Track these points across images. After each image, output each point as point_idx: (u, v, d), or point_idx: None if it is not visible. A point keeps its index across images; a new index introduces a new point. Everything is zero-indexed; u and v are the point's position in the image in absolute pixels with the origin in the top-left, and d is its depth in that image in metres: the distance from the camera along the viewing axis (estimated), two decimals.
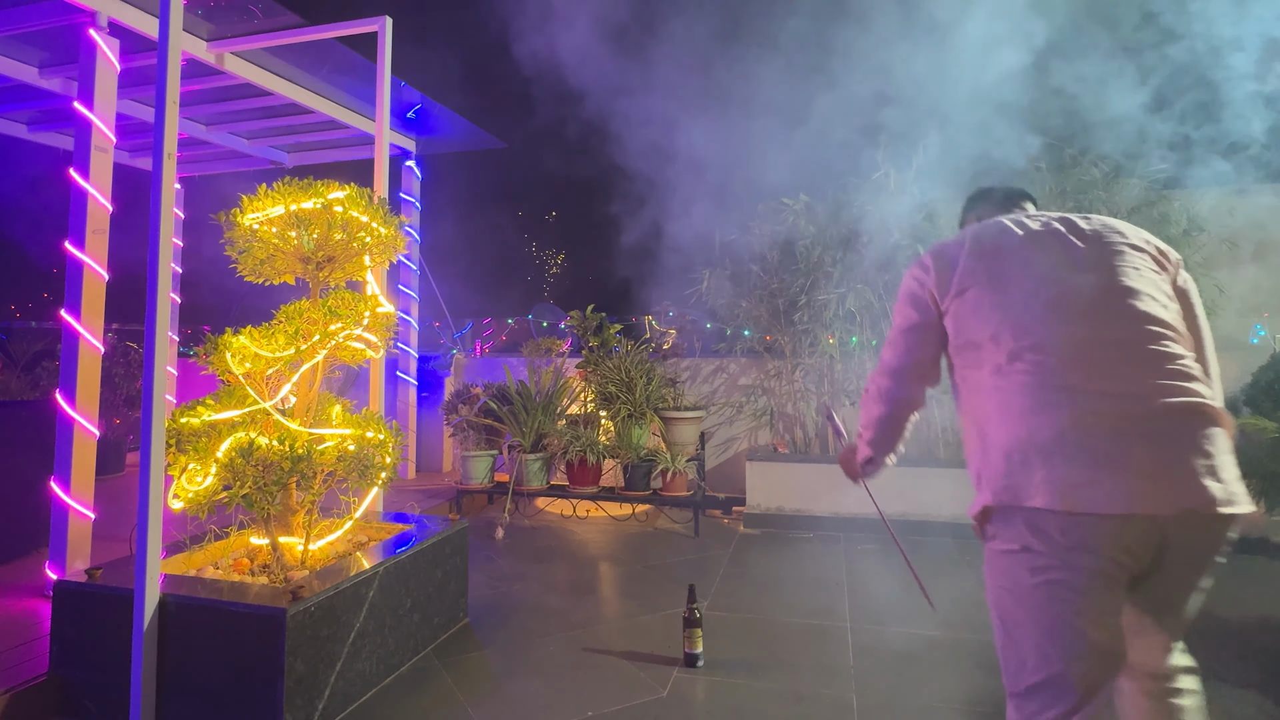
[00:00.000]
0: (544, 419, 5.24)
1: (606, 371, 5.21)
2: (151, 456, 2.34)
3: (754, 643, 3.11)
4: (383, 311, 2.99)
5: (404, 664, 2.89)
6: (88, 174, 3.33)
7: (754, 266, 5.74)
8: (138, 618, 2.34)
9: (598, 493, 5.11)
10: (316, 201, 2.83)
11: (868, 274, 5.31)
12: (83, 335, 3.26)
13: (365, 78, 4.58)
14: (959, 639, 3.15)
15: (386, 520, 3.39)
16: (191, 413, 2.64)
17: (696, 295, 5.89)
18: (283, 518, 2.84)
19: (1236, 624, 3.34)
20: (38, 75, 4.44)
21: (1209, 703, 1.74)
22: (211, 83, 4.64)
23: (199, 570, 2.81)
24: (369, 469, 2.87)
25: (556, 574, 4.08)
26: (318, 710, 2.41)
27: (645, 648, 3.06)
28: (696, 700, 2.65)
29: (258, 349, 2.64)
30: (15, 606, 3.20)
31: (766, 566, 4.22)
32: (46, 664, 2.57)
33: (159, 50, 2.44)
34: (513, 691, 2.71)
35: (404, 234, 3.19)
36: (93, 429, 3.29)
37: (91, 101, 3.35)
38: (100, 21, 3.43)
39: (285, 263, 2.98)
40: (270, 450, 2.57)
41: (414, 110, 5.54)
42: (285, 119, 5.49)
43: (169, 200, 2.41)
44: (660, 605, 3.56)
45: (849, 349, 5.37)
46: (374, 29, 3.86)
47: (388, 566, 2.80)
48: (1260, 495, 3.73)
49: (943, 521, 4.80)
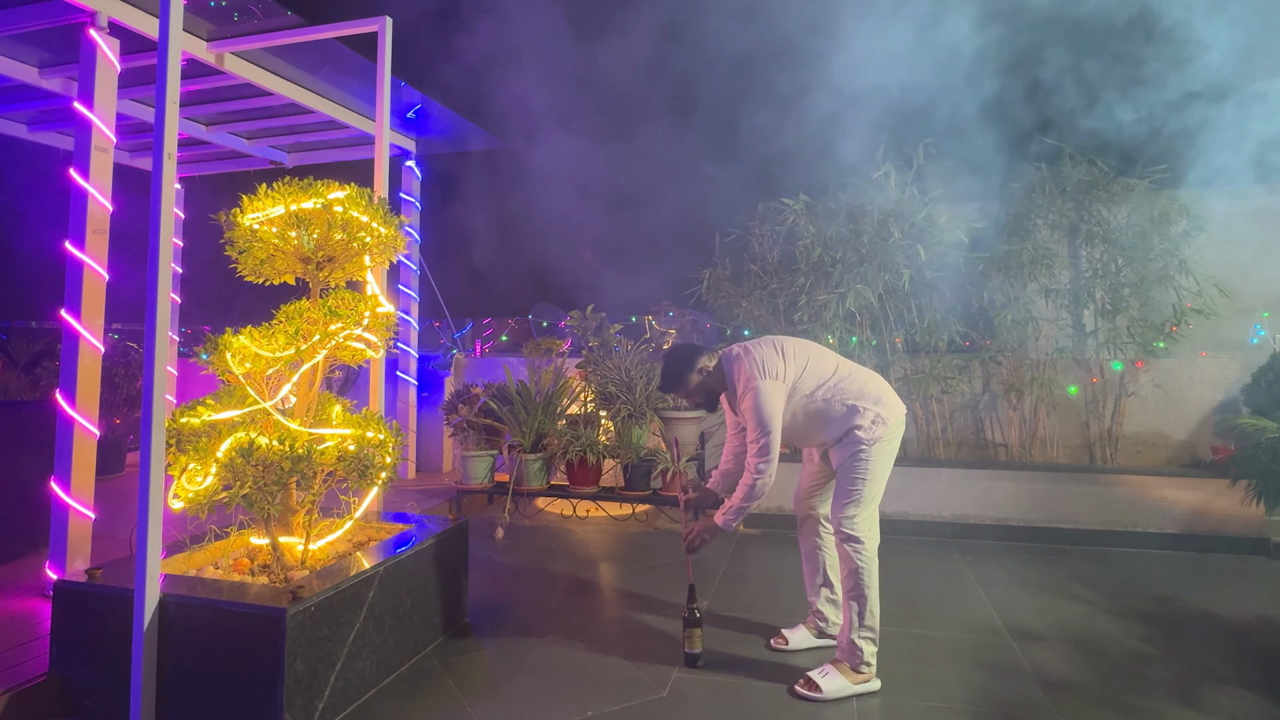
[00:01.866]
0: (544, 419, 5.24)
1: (606, 371, 5.20)
2: (151, 456, 2.34)
3: (754, 643, 3.11)
4: (383, 311, 2.99)
5: (404, 664, 2.89)
6: (88, 174, 3.33)
7: (754, 266, 5.74)
8: (138, 618, 2.34)
9: (598, 493, 5.11)
10: (316, 201, 2.83)
11: (867, 274, 5.31)
12: (83, 335, 3.26)
13: (365, 78, 4.58)
14: (959, 639, 3.16)
15: (386, 520, 3.39)
16: (191, 413, 2.64)
17: (696, 295, 5.89)
18: (283, 518, 2.84)
19: (1236, 624, 3.34)
20: (38, 75, 4.44)
21: (1209, 702, 1.74)
22: (211, 83, 4.64)
23: (199, 570, 2.81)
24: (369, 469, 2.87)
25: (556, 574, 4.08)
26: (318, 710, 2.41)
27: (645, 648, 3.07)
28: (696, 700, 2.65)
29: (258, 349, 2.64)
30: (15, 606, 3.20)
31: (766, 566, 4.22)
32: (46, 664, 2.57)
33: (159, 50, 2.44)
34: (513, 691, 2.71)
35: (404, 234, 3.19)
36: (93, 429, 3.29)
37: (91, 101, 3.35)
38: (100, 21, 3.43)
39: (285, 263, 2.98)
40: (270, 450, 2.57)
41: (414, 110, 5.54)
42: (285, 119, 5.49)
43: (169, 200, 2.41)
44: (660, 605, 3.56)
45: (849, 349, 5.37)
46: (374, 29, 3.87)
47: (388, 566, 2.80)
48: (1260, 495, 3.73)
49: (943, 521, 4.81)
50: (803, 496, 3.11)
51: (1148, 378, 5.25)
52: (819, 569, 3.09)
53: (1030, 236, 5.22)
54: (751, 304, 5.64)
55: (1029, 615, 3.43)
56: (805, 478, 3.12)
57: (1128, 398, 5.25)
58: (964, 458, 5.44)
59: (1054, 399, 5.28)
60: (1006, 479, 4.81)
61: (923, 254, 5.10)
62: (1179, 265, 5.02)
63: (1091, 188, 5.18)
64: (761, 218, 5.74)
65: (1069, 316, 5.31)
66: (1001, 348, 5.29)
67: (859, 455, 2.75)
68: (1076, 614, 3.45)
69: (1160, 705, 2.59)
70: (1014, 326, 5.25)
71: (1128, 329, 5.12)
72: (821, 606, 3.08)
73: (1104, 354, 5.21)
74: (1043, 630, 3.25)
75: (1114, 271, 5.21)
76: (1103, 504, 4.65)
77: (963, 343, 5.38)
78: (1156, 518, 4.57)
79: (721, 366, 2.94)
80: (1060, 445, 5.35)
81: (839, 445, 2.83)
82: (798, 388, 2.81)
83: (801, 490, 3.12)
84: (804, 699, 2.63)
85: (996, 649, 3.06)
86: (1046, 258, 5.22)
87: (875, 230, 5.27)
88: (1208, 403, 5.20)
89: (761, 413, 2.73)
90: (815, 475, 3.07)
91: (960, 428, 5.57)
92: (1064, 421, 5.37)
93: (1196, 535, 4.49)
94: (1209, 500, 4.51)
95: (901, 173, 5.32)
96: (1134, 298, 5.13)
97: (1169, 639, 3.16)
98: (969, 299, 5.40)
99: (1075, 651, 3.03)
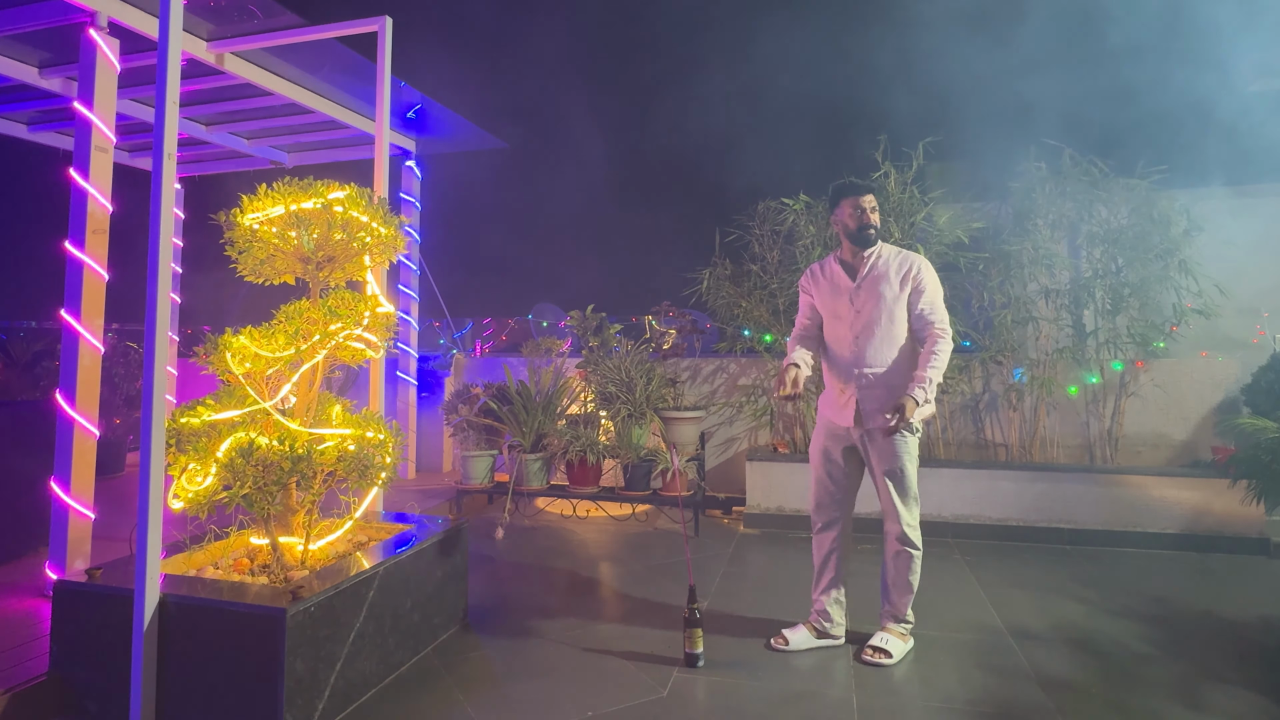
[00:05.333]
0: (544, 419, 5.24)
1: (606, 371, 5.20)
2: (151, 456, 2.34)
3: (754, 643, 3.11)
4: (383, 311, 2.99)
5: (404, 664, 2.89)
6: (88, 174, 3.33)
7: (754, 266, 5.74)
8: (138, 618, 2.34)
9: (598, 493, 5.11)
10: (316, 201, 2.83)
11: None
12: (83, 335, 3.26)
13: (365, 78, 4.58)
14: (959, 639, 3.16)
15: (386, 520, 3.39)
16: (191, 413, 2.64)
17: (696, 295, 5.89)
18: (283, 518, 2.83)
19: (1236, 624, 3.34)
20: (38, 75, 4.43)
21: (1209, 702, 1.74)
22: (211, 83, 4.64)
23: (199, 570, 2.81)
24: (369, 469, 2.87)
25: (556, 574, 4.08)
26: (318, 710, 2.41)
27: (645, 648, 3.06)
28: (696, 700, 2.65)
29: (258, 349, 2.64)
30: (15, 606, 3.20)
31: (766, 566, 4.22)
32: (46, 664, 2.57)
33: (159, 50, 2.44)
34: (513, 691, 2.71)
35: (404, 234, 3.19)
36: (93, 429, 3.29)
37: (91, 101, 3.35)
38: (100, 21, 3.43)
39: (285, 263, 2.98)
40: (270, 450, 2.57)
41: (414, 110, 5.54)
42: (285, 119, 5.49)
43: (169, 200, 2.41)
44: (660, 605, 3.56)
45: None
46: (374, 29, 3.86)
47: (388, 566, 2.80)
48: (1260, 495, 3.73)
49: (943, 521, 4.81)
50: (827, 501, 3.11)
51: (1148, 378, 5.25)
52: (833, 570, 3.09)
53: (1030, 236, 5.22)
54: (751, 304, 5.64)
55: (1029, 615, 3.43)
56: (827, 479, 3.11)
57: (1128, 398, 5.25)
58: (964, 458, 5.44)
59: (1054, 399, 5.28)
60: (1006, 479, 4.81)
61: (922, 254, 5.10)
62: (1179, 265, 5.02)
63: (1092, 188, 5.18)
64: (761, 218, 5.73)
65: (1069, 316, 5.31)
66: (1001, 348, 5.29)
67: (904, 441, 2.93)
68: (1076, 614, 3.45)
69: (1160, 705, 2.59)
70: (1014, 326, 5.25)
71: (1128, 329, 5.12)
72: (829, 608, 3.08)
73: (1104, 354, 5.21)
74: (1043, 630, 3.25)
75: (1114, 271, 5.21)
76: (1103, 504, 4.65)
77: (963, 343, 5.38)
78: (1156, 518, 4.57)
79: (877, 242, 3.07)
80: (1060, 445, 5.35)
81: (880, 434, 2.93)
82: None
83: (824, 494, 3.11)
84: (877, 666, 2.88)
85: (996, 649, 3.06)
86: (1047, 258, 5.22)
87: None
88: (1208, 403, 5.20)
89: (939, 292, 2.99)
90: (843, 477, 3.09)
91: (960, 428, 5.57)
92: (1064, 421, 5.37)
93: (1196, 535, 4.49)
94: (1209, 500, 4.51)
95: (901, 172, 5.31)
96: (1134, 298, 5.13)
97: (1169, 639, 3.16)
98: (969, 299, 5.40)
99: (1075, 651, 3.03)
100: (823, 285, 3.13)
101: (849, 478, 3.08)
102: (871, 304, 2.97)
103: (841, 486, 3.08)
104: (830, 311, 3.11)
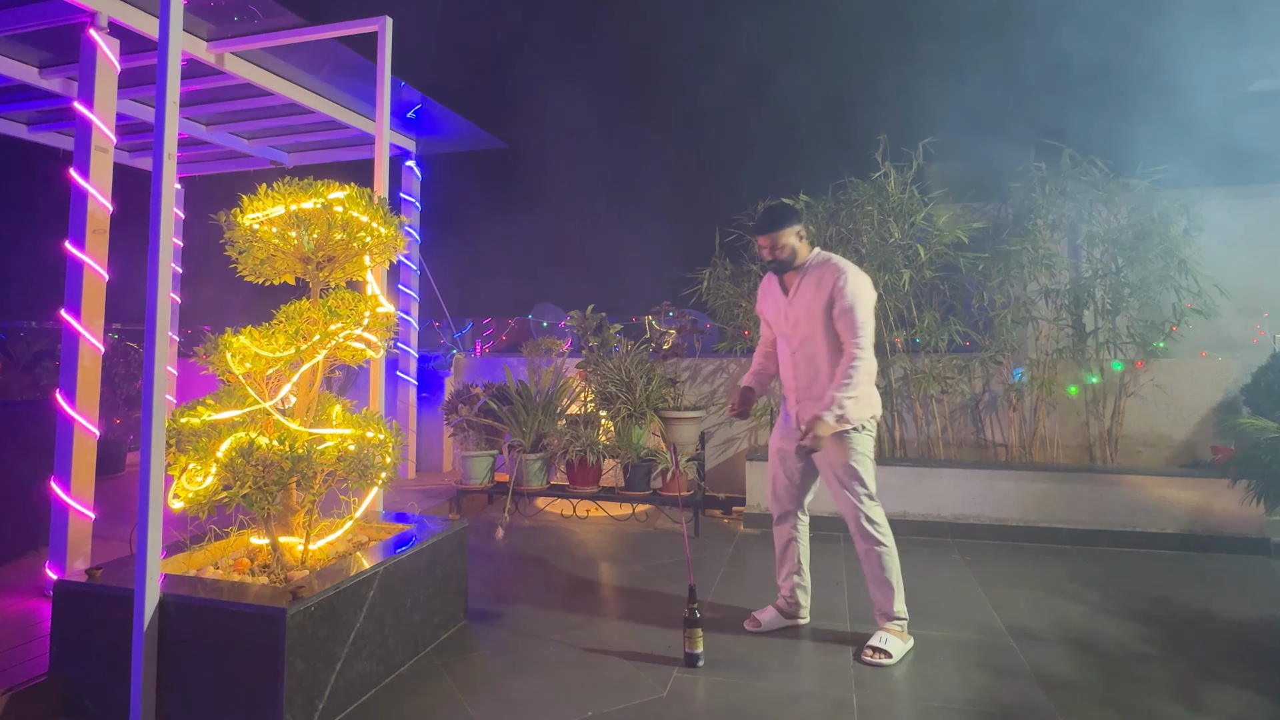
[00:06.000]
0: (544, 419, 5.24)
1: (606, 371, 5.20)
2: (151, 456, 2.34)
3: (754, 643, 3.11)
4: (383, 311, 2.99)
5: (404, 664, 2.89)
6: (88, 174, 3.33)
7: (754, 266, 5.74)
8: (138, 618, 2.34)
9: (598, 493, 5.11)
10: (316, 201, 2.83)
11: (867, 274, 5.30)
12: (83, 335, 3.26)
13: (365, 78, 4.58)
14: (959, 639, 3.16)
15: (386, 520, 3.39)
16: (191, 413, 2.64)
17: (696, 295, 5.89)
18: (283, 518, 2.84)
19: (1236, 624, 3.34)
20: (38, 75, 4.44)
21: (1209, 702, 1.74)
22: (211, 83, 4.64)
23: (199, 570, 2.81)
24: (369, 469, 2.87)
25: (556, 574, 4.08)
26: (318, 710, 2.41)
27: (645, 648, 3.07)
28: (696, 700, 2.65)
29: (258, 349, 2.64)
30: (15, 606, 3.20)
31: (766, 566, 4.22)
32: (46, 664, 2.57)
33: (159, 50, 2.44)
34: (513, 691, 2.71)
35: (404, 234, 3.19)
36: (93, 429, 3.29)
37: (91, 101, 3.35)
38: (100, 21, 3.43)
39: (285, 263, 2.98)
40: (270, 450, 2.57)
41: (414, 110, 5.54)
42: (285, 119, 5.49)
43: (169, 200, 2.41)
44: (660, 605, 3.56)
45: None
46: (374, 29, 3.86)
47: (388, 566, 2.80)
48: (1260, 495, 3.73)
49: (943, 521, 4.81)
50: (783, 494, 3.26)
51: (1148, 378, 5.25)
52: (792, 558, 3.26)
53: (1030, 236, 5.22)
54: (751, 304, 5.64)
55: (1029, 615, 3.43)
56: (782, 475, 3.25)
57: (1128, 398, 5.25)
58: (964, 458, 5.43)
59: (1054, 399, 5.28)
60: (1006, 479, 4.81)
61: (923, 254, 5.10)
62: (1179, 265, 5.02)
63: (1091, 188, 5.18)
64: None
65: (1069, 316, 5.31)
66: (1001, 348, 5.29)
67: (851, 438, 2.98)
68: (1076, 614, 3.45)
69: (1160, 705, 2.59)
70: (1014, 326, 5.25)
71: (1128, 329, 5.12)
72: (793, 591, 3.25)
73: (1104, 354, 5.21)
74: (1043, 630, 3.25)
75: (1114, 271, 5.21)
76: (1103, 504, 4.65)
77: (963, 343, 5.38)
78: (1156, 518, 4.57)
79: (810, 252, 3.10)
80: (1060, 445, 5.35)
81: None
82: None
83: (780, 488, 3.27)
84: (877, 666, 2.89)
85: (996, 649, 3.06)
86: (1046, 258, 5.22)
87: (875, 230, 5.27)
88: (1208, 403, 5.20)
89: (862, 301, 2.93)
90: (796, 473, 3.22)
91: (960, 428, 5.56)
92: (1064, 421, 5.37)
93: (1196, 535, 4.49)
94: (1209, 500, 4.51)
95: (901, 172, 5.31)
96: (1134, 298, 5.13)
97: (1169, 639, 3.16)
98: (969, 299, 5.40)
99: (1075, 651, 3.03)
100: (767, 300, 3.28)
101: (803, 475, 3.21)
102: (804, 318, 3.06)
103: (795, 482, 3.22)
104: (775, 325, 3.25)
